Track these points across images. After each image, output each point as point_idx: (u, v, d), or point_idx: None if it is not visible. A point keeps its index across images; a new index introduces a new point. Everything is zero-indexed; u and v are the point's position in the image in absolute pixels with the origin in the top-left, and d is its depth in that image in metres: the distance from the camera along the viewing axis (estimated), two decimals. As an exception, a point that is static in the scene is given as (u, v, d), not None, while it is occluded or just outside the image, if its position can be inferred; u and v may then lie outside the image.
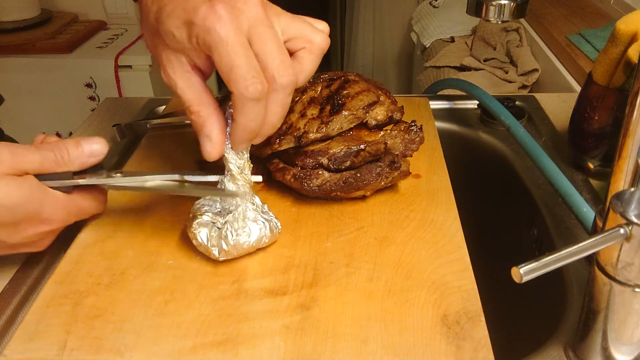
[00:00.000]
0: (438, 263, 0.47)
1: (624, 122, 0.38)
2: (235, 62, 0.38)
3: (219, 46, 0.38)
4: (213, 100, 0.43)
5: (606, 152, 0.61)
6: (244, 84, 0.39)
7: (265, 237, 0.47)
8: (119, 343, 0.41)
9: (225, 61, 0.39)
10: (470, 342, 0.40)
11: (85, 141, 0.46)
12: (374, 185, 0.53)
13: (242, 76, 0.39)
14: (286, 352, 0.39)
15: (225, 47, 0.38)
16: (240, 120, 0.41)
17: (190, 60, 0.42)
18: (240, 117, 0.41)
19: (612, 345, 0.38)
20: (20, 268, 0.51)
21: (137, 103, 0.81)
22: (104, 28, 2.02)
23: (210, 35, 0.38)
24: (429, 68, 1.53)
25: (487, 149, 0.73)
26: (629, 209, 0.34)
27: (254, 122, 0.41)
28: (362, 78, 0.58)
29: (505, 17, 0.52)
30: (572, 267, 0.50)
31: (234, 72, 0.39)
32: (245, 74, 0.39)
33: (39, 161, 0.45)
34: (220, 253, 0.46)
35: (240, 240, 0.46)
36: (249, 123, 0.41)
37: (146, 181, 0.47)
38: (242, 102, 0.40)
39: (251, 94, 0.39)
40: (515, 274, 0.32)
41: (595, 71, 0.59)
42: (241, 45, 0.39)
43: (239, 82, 0.39)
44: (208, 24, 0.38)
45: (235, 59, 0.38)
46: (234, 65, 0.39)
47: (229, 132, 0.44)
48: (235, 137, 0.43)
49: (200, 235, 0.46)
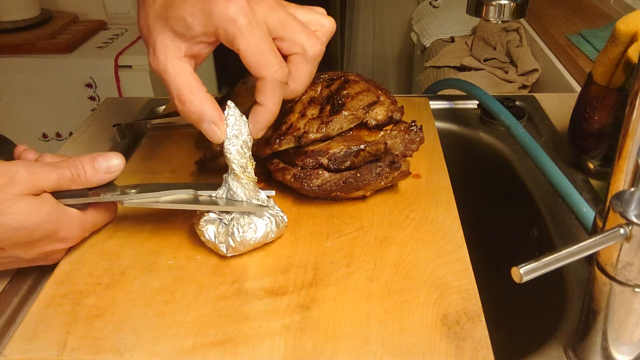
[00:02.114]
0: (438, 263, 0.47)
1: (624, 122, 0.38)
2: (264, 49, 0.41)
3: (247, 35, 0.40)
4: (204, 87, 0.44)
5: (606, 152, 0.61)
6: (274, 69, 0.41)
7: (272, 232, 0.48)
8: (119, 343, 0.41)
9: (252, 49, 0.40)
10: (470, 342, 0.40)
11: (102, 157, 0.47)
12: (374, 185, 0.53)
13: (272, 61, 0.41)
14: (286, 352, 0.39)
15: (252, 35, 0.40)
16: (270, 103, 0.43)
17: (188, 48, 0.42)
18: (269, 100, 0.43)
19: (612, 345, 0.38)
20: (20, 268, 0.51)
21: (137, 103, 0.81)
22: (104, 28, 2.01)
23: (234, 25, 0.39)
24: (429, 68, 1.53)
25: (487, 149, 0.73)
26: (629, 209, 0.34)
27: (279, 104, 0.44)
28: (362, 78, 0.58)
29: (505, 17, 0.52)
30: (572, 267, 0.50)
31: (264, 57, 0.41)
32: (274, 58, 0.41)
33: (56, 179, 0.45)
34: (227, 249, 0.47)
35: (247, 236, 0.47)
36: (276, 106, 0.44)
37: (160, 196, 0.47)
38: (273, 86, 0.42)
39: (281, 77, 0.42)
40: (515, 274, 0.32)
41: (595, 71, 0.59)
42: (265, 33, 0.41)
43: (270, 67, 0.41)
44: (231, 14, 0.39)
45: (263, 46, 0.41)
46: (264, 51, 0.41)
47: (230, 126, 0.44)
48: (262, 122, 0.44)
49: (208, 232, 0.47)
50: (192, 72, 0.44)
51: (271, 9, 0.42)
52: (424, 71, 1.56)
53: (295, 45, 0.43)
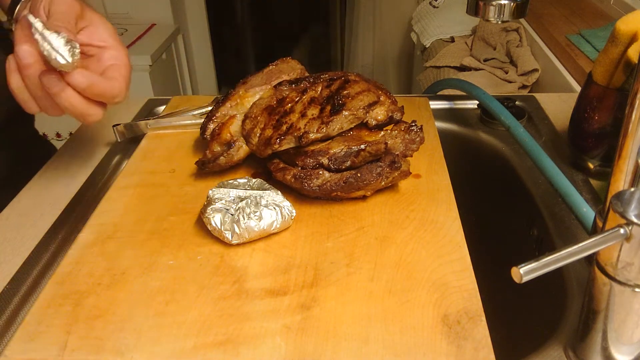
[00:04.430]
0: (438, 263, 0.47)
1: (624, 122, 0.38)
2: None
3: None
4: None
5: (606, 152, 0.61)
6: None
7: (277, 222, 0.49)
8: (120, 343, 0.41)
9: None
10: (471, 342, 0.40)
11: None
12: (374, 185, 0.53)
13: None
14: (287, 352, 0.40)
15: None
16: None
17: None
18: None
19: (612, 345, 0.38)
20: (20, 268, 0.51)
21: (137, 103, 0.81)
22: (104, 28, 2.01)
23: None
24: (429, 68, 1.53)
25: (487, 149, 0.73)
26: (629, 209, 0.34)
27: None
28: (362, 78, 0.58)
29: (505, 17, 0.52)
30: (572, 267, 0.50)
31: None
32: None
33: None
34: (233, 236, 0.48)
35: (251, 223, 0.48)
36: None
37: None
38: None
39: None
40: (515, 274, 0.32)
41: (595, 71, 0.60)
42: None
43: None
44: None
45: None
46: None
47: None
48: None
49: (215, 219, 0.48)
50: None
51: None
52: (424, 71, 1.56)
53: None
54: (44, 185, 0.64)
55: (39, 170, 0.66)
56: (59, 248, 0.54)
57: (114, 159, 0.68)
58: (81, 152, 0.69)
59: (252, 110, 0.58)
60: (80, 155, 0.68)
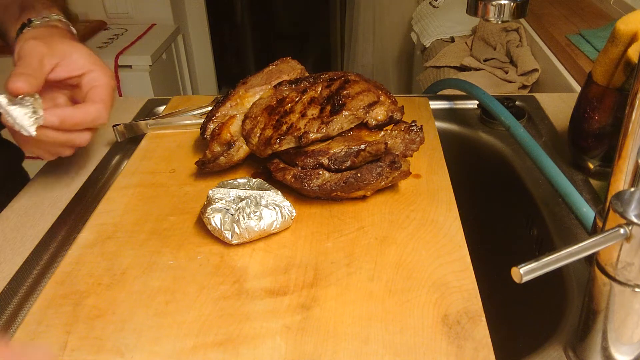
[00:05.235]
0: (438, 263, 0.47)
1: (624, 122, 0.38)
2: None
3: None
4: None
5: (606, 152, 0.61)
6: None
7: (277, 222, 0.49)
8: (120, 343, 0.41)
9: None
10: (471, 342, 0.40)
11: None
12: (375, 185, 0.53)
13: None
14: (287, 352, 0.40)
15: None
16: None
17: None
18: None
19: (612, 345, 0.38)
20: (20, 268, 0.51)
21: (137, 103, 0.81)
22: (104, 28, 2.02)
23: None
24: (429, 68, 1.53)
25: (487, 149, 0.73)
26: (629, 209, 0.34)
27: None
28: (362, 78, 0.58)
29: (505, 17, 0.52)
30: (572, 267, 0.50)
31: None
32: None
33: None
34: (233, 236, 0.48)
35: (251, 223, 0.48)
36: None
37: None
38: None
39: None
40: (515, 274, 0.32)
41: (595, 71, 0.60)
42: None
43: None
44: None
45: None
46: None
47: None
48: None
49: (215, 220, 0.48)
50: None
51: None
52: (424, 71, 1.56)
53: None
54: (44, 185, 0.64)
55: (39, 170, 0.66)
56: (59, 248, 0.54)
57: (114, 159, 0.68)
58: (81, 152, 0.69)
59: (252, 110, 0.59)
60: (80, 155, 0.68)
